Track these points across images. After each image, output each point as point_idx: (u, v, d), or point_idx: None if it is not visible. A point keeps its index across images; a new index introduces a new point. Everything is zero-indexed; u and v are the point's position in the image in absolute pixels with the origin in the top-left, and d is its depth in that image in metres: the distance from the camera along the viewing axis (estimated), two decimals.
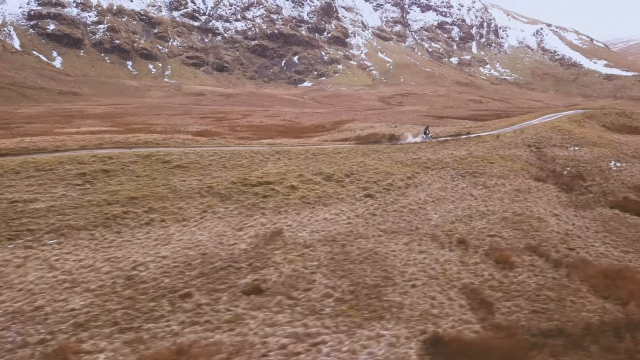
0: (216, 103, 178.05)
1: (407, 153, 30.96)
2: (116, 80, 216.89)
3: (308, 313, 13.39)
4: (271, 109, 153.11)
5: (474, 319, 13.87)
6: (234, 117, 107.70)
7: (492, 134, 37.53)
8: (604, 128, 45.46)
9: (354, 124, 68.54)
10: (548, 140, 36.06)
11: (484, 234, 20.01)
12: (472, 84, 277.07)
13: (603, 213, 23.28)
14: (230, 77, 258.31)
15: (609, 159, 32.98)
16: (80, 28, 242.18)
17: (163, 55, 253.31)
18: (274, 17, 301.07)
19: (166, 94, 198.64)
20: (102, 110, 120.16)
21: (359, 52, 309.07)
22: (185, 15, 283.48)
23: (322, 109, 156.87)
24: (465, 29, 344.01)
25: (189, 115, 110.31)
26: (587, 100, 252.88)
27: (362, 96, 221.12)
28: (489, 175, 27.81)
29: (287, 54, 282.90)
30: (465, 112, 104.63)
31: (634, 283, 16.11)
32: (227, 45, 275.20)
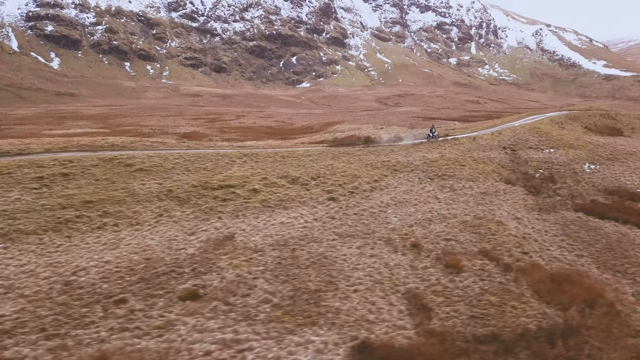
0: (212, 104, 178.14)
1: (379, 156, 30.91)
2: (114, 81, 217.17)
3: (242, 319, 13.36)
4: (267, 110, 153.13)
5: (410, 324, 13.84)
6: (227, 118, 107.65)
7: (470, 136, 37.45)
8: (586, 130, 45.35)
9: (342, 126, 68.47)
10: (524, 142, 35.98)
11: (440, 237, 19.96)
12: (471, 84, 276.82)
13: (566, 216, 23.20)
14: (228, 78, 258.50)
15: (583, 161, 32.89)
16: (79, 29, 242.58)
17: (161, 56, 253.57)
18: (273, 18, 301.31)
19: (163, 95, 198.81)
20: (97, 112, 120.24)
21: (357, 53, 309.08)
22: (183, 16, 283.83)
23: (318, 110, 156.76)
24: (464, 29, 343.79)
25: (182, 116, 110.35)
26: (586, 100, 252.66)
27: (359, 97, 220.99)
28: (458, 178, 27.74)
29: (285, 55, 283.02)
30: (458, 112, 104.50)
31: (579, 288, 16.05)
32: (226, 46, 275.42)
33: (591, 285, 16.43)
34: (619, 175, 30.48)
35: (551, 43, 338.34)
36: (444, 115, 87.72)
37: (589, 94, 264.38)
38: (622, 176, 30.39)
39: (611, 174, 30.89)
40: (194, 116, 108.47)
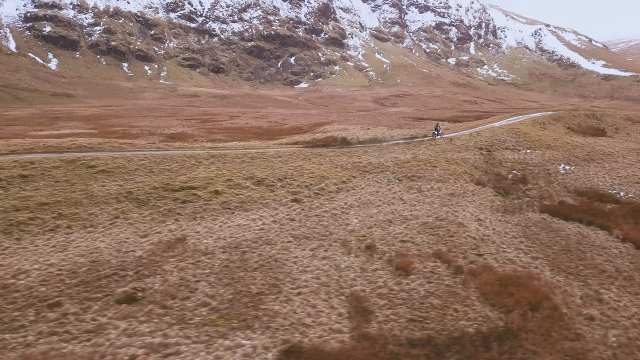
0: (209, 104, 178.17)
1: (351, 157, 30.81)
2: (111, 81, 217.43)
3: (175, 323, 13.28)
4: (263, 110, 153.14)
5: (347, 328, 13.74)
6: (220, 118, 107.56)
7: (447, 137, 37.32)
8: (569, 130, 45.20)
9: (331, 126, 68.40)
10: (502, 143, 35.85)
11: (397, 239, 19.86)
12: (469, 84, 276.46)
13: (530, 218, 23.08)
14: (226, 79, 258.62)
15: (559, 162, 32.75)
16: (77, 30, 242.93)
17: (159, 56, 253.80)
18: (271, 18, 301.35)
19: (160, 95, 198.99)
20: (92, 112, 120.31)
21: (356, 53, 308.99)
22: (182, 17, 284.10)
23: (314, 110, 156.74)
24: (463, 29, 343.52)
25: (175, 117, 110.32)
26: (584, 100, 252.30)
27: (356, 97, 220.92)
28: (428, 179, 27.63)
29: (283, 55, 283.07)
30: (450, 113, 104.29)
31: (526, 290, 15.93)
32: (224, 46, 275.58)
33: (539, 288, 16.31)
34: (592, 176, 30.33)
35: (550, 43, 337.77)
36: (435, 116, 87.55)
37: (588, 94, 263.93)
38: (596, 177, 30.25)
39: (585, 174, 30.75)
40: (188, 117, 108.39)
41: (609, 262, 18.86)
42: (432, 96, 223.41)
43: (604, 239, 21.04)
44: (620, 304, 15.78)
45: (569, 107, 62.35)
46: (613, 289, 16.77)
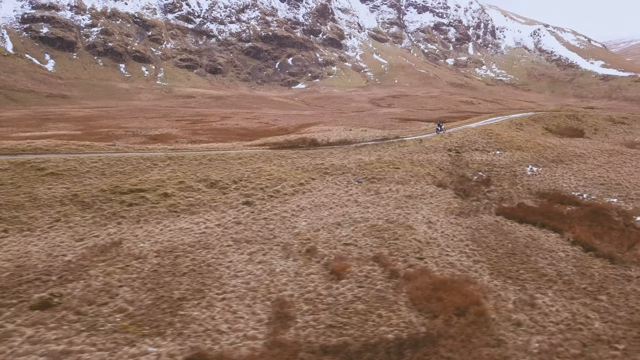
0: (204, 105, 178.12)
1: (315, 158, 30.56)
2: (108, 82, 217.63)
3: (84, 329, 13.04)
4: (258, 111, 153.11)
5: (263, 334, 13.50)
6: (211, 119, 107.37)
7: (417, 138, 37.03)
8: (546, 131, 44.88)
9: (316, 127, 68.16)
10: (472, 144, 35.56)
11: (341, 242, 19.61)
12: (467, 85, 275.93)
13: (484, 220, 22.79)
14: (224, 80, 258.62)
15: (527, 164, 32.45)
16: (74, 31, 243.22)
17: (156, 57, 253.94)
18: (269, 19, 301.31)
19: (156, 96, 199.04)
20: (84, 114, 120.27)
21: (354, 54, 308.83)
22: (179, 18, 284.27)
23: (309, 111, 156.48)
24: (461, 30, 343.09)
25: (166, 118, 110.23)
26: (582, 101, 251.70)
27: (353, 98, 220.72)
28: (388, 181, 27.36)
29: (281, 56, 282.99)
30: (442, 113, 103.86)
31: (457, 295, 15.66)
32: (221, 47, 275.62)
33: (472, 292, 16.04)
34: (558, 178, 30.03)
35: (549, 43, 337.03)
36: (421, 117, 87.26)
37: (586, 95, 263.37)
38: (561, 179, 29.94)
39: (551, 176, 30.44)
40: (179, 118, 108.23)
41: (552, 265, 18.58)
42: (429, 97, 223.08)
43: (554, 242, 20.75)
44: (553, 309, 15.50)
45: (552, 107, 62.01)
46: (549, 294, 16.48)
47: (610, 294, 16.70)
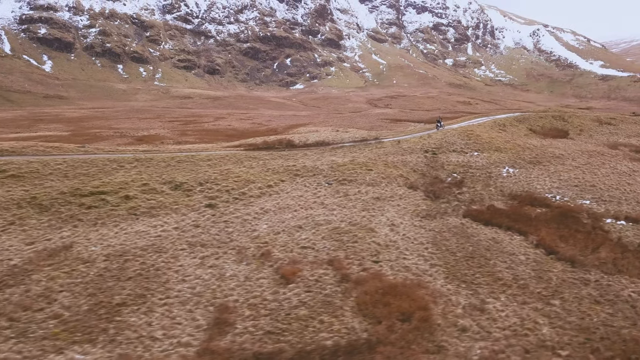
0: (201, 106, 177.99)
1: (288, 160, 30.29)
2: (105, 83, 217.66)
3: (14, 336, 12.80)
4: (254, 111, 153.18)
5: (198, 341, 13.24)
6: (205, 120, 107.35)
7: (395, 140, 36.76)
8: (531, 132, 44.57)
9: (305, 128, 67.95)
10: (450, 145, 35.26)
11: (299, 245, 19.35)
12: (466, 85, 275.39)
13: (449, 222, 22.50)
14: (222, 80, 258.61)
15: (504, 165, 32.16)
16: (72, 32, 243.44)
17: (154, 58, 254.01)
18: (267, 19, 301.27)
19: (153, 97, 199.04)
20: (78, 115, 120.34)
21: (352, 54, 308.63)
22: (178, 19, 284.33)
23: (305, 111, 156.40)
24: (460, 30, 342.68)
25: (160, 119, 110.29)
26: (581, 101, 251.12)
27: (350, 98, 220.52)
28: (358, 183, 27.09)
29: (279, 57, 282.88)
30: (432, 115, 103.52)
31: (405, 300, 15.40)
32: (220, 48, 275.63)
33: (422, 297, 15.77)
34: (533, 179, 29.73)
35: (548, 43, 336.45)
36: (413, 117, 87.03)
37: (585, 95, 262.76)
38: (536, 180, 29.64)
39: (526, 177, 30.14)
40: (172, 118, 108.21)
41: (510, 269, 18.29)
42: (427, 97, 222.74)
43: (517, 245, 20.47)
44: (502, 314, 15.22)
45: (541, 108, 61.63)
46: (502, 298, 16.21)
47: (564, 298, 16.41)
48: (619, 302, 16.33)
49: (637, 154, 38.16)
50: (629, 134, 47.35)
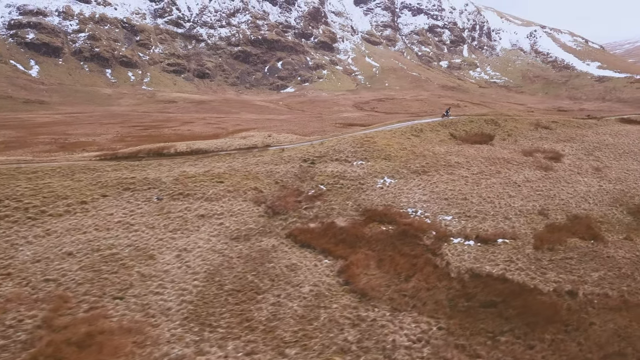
0: (183, 110, 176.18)
1: (133, 171, 27.56)
2: (92, 88, 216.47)
3: None
4: (236, 115, 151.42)
5: None
6: (171, 125, 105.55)
7: (280, 147, 33.90)
8: (451, 137, 41.59)
9: (247, 133, 65.30)
10: (337, 153, 32.37)
11: (44, 277, 16.57)
12: (459, 87, 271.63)
13: (261, 245, 19.71)
14: (211, 84, 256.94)
15: (383, 175, 29.23)
16: (61, 37, 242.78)
17: (143, 62, 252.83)
18: (260, 23, 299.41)
19: (137, 101, 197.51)
20: (50, 120, 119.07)
21: (345, 57, 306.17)
22: (169, 23, 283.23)
23: (287, 115, 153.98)
24: (456, 32, 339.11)
25: (124, 123, 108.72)
26: (575, 102, 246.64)
27: (338, 102, 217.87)
28: (195, 198, 24.29)
29: (270, 60, 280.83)
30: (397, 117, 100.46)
31: (96, 353, 12.54)
32: (210, 51, 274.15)
33: (120, 346, 12.97)
34: (404, 192, 26.81)
35: (545, 44, 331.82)
36: (382, 119, 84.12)
37: (579, 96, 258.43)
38: (407, 192, 26.72)
39: (399, 189, 27.21)
40: (137, 124, 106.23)
41: (275, 306, 15.65)
42: (416, 100, 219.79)
43: (316, 273, 17.78)
44: None
45: (483, 111, 58.48)
46: (229, 347, 13.38)
47: (307, 346, 13.53)
48: (373, 350, 13.38)
49: (550, 160, 35.06)
50: (561, 138, 44.13)
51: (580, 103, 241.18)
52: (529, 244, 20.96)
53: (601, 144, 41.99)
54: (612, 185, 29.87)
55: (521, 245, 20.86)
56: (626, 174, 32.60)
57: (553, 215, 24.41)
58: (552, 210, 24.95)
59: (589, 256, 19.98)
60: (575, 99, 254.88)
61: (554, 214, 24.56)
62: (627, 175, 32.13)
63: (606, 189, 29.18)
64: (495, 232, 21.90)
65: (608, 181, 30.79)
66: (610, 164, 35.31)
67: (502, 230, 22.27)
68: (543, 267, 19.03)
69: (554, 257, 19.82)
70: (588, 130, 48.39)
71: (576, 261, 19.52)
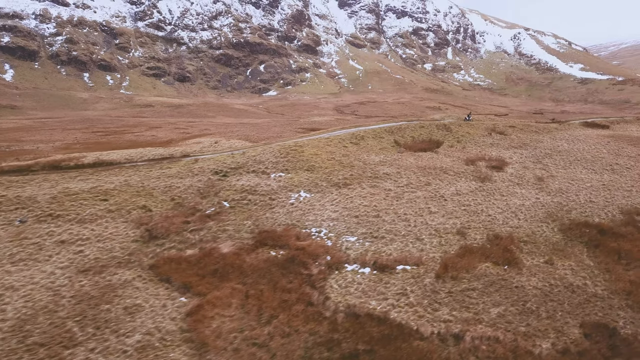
0: (156, 115, 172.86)
1: (8, 189, 24.41)
2: (68, 92, 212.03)
3: None
4: (212, 119, 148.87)
5: None
6: (135, 130, 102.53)
7: (197, 158, 30.96)
8: (395, 144, 38.89)
9: (203, 139, 62.32)
10: (256, 164, 29.51)
11: None
12: (443, 90, 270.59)
13: (109, 280, 16.71)
14: (192, 88, 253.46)
15: (300, 189, 26.41)
16: (37, 40, 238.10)
17: (122, 66, 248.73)
18: (242, 25, 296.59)
19: (113, 106, 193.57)
20: (14, 125, 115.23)
21: (329, 60, 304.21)
22: (150, 26, 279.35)
23: (264, 119, 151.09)
24: (441, 34, 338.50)
25: (89, 129, 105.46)
26: (557, 105, 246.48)
27: (318, 105, 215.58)
28: (66, 220, 21.29)
29: (253, 63, 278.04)
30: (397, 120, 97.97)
31: None
32: (191, 55, 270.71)
33: None
34: (314, 208, 24.05)
35: (529, 47, 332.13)
36: (349, 125, 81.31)
37: (562, 98, 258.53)
38: (318, 209, 23.96)
39: (310, 206, 24.45)
40: (101, 129, 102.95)
41: None
42: (397, 103, 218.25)
43: (154, 316, 14.61)
44: None
45: (438, 116, 56.02)
46: None
47: None
48: None
49: (491, 170, 32.49)
50: (514, 144, 41.63)
51: (563, 105, 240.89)
52: (431, 272, 18.24)
53: (554, 151, 39.54)
54: (550, 198, 27.30)
55: (422, 273, 18.13)
56: (569, 184, 30.08)
57: (472, 234, 21.73)
58: (473, 229, 22.28)
59: (494, 286, 17.29)
60: (557, 101, 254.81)
61: (474, 233, 21.88)
62: (570, 186, 29.61)
63: (543, 202, 26.61)
64: (399, 257, 19.15)
65: (547, 193, 28.23)
66: (556, 173, 32.80)
67: (407, 254, 19.53)
68: (438, 301, 16.29)
69: (454, 288, 17.09)
70: (545, 136, 45.99)
71: (478, 293, 16.81)
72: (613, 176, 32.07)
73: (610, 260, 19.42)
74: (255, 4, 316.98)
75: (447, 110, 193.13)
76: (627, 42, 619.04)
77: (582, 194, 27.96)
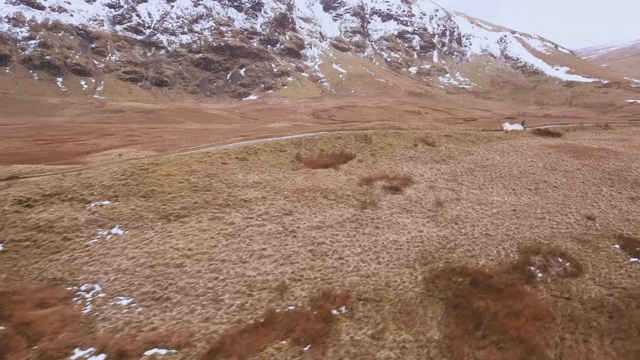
0: (125, 120, 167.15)
1: None
2: (38, 98, 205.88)
3: None
4: (181, 125, 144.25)
5: None
6: (82, 138, 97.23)
7: (31, 179, 25.21)
8: (295, 159, 33.40)
9: (119, 150, 56.71)
10: (83, 188, 23.90)
11: None
12: (426, 94, 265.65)
13: None
14: (169, 92, 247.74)
15: (115, 223, 20.70)
16: (9, 44, 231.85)
17: (98, 70, 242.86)
18: (224, 29, 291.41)
19: (82, 111, 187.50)
20: None
21: (312, 64, 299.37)
22: (128, 29, 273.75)
23: (235, 124, 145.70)
24: (426, 38, 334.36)
25: (31, 137, 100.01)
26: (541, 108, 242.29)
27: (297, 109, 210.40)
28: None
29: (233, 67, 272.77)
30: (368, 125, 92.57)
31: None
32: (170, 59, 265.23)
33: None
34: (107, 254, 18.52)
35: (515, 50, 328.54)
36: (305, 131, 76.00)
37: (547, 101, 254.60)
38: (114, 255, 18.44)
39: (106, 250, 19.01)
40: (50, 137, 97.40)
41: None
42: (377, 107, 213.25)
43: None
44: None
45: (376, 125, 50.52)
46: None
47: None
48: None
49: (387, 191, 27.05)
50: (437, 158, 36.15)
51: (547, 108, 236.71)
52: None
53: (479, 165, 34.09)
54: (437, 230, 21.78)
55: None
56: (472, 210, 24.58)
57: (296, 291, 16.14)
58: (302, 282, 16.71)
59: None
60: (542, 104, 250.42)
61: (300, 288, 16.29)
62: (471, 213, 24.11)
63: (425, 236, 21.10)
64: (164, 333, 13.52)
65: (437, 223, 22.69)
66: (466, 195, 27.31)
67: (179, 328, 13.92)
68: None
69: None
70: (480, 147, 40.59)
71: None
72: (532, 198, 26.62)
73: (462, 331, 13.88)
74: (238, 7, 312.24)
75: (426, 115, 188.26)
76: (617, 44, 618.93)
77: (479, 225, 22.43)
